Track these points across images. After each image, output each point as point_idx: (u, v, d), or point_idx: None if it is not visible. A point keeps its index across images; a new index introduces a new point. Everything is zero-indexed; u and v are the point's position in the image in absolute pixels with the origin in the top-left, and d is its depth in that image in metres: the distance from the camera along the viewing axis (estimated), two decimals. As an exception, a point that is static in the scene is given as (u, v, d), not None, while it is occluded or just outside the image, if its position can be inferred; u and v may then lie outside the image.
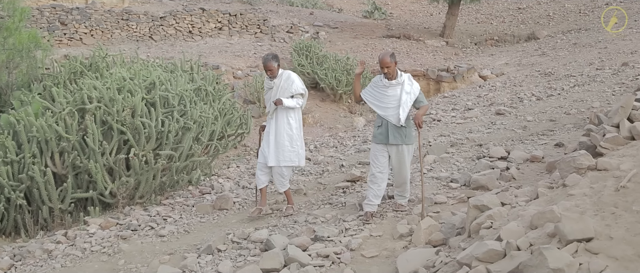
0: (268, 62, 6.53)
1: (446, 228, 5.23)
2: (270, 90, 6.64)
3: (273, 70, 6.53)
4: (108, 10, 18.38)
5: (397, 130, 5.85)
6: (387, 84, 5.85)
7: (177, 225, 6.61)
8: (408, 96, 5.84)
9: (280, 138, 6.53)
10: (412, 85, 5.91)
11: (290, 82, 6.57)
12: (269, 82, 6.66)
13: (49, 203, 7.18)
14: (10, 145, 7.28)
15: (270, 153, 6.54)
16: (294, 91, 6.54)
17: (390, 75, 5.82)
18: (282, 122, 6.56)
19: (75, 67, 10.33)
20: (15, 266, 5.99)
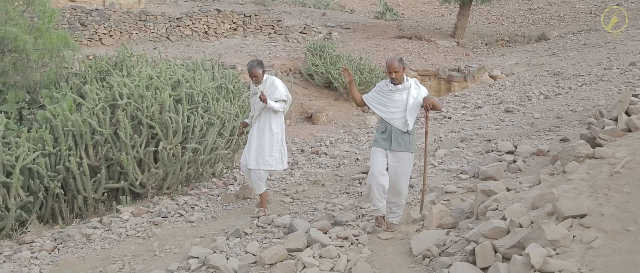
0: (253, 68, 6.78)
1: (456, 213, 5.72)
2: (255, 95, 6.93)
3: (258, 76, 6.79)
4: (126, 12, 19.01)
5: (401, 136, 5.68)
6: (394, 89, 5.70)
7: (205, 212, 7.14)
8: (415, 101, 5.67)
9: (261, 142, 6.82)
10: (419, 89, 5.75)
11: (273, 88, 6.85)
12: (254, 88, 6.92)
13: (84, 192, 7.74)
14: (48, 139, 7.84)
15: (250, 156, 6.84)
16: (278, 97, 6.81)
17: (398, 80, 5.66)
18: (264, 126, 6.85)
19: (102, 66, 10.91)
20: (58, 248, 6.54)
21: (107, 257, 6.08)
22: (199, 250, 5.82)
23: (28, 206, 7.55)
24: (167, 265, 5.65)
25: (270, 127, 6.86)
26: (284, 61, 16.89)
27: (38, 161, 7.60)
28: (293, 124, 13.88)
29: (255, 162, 6.83)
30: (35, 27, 10.61)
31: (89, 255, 6.16)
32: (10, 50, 10.34)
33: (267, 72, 7.09)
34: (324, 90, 15.79)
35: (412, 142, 5.75)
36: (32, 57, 10.26)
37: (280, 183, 8.19)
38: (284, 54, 17.77)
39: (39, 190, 7.57)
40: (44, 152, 7.77)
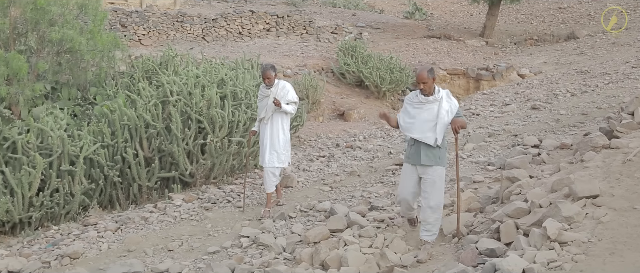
0: (267, 70, 7.19)
1: (483, 199, 6.32)
2: (265, 97, 7.27)
3: (271, 78, 7.18)
4: (164, 13, 19.89)
5: (430, 150, 5.50)
6: (424, 101, 5.50)
7: (251, 199, 7.84)
8: (447, 115, 5.45)
9: (275, 141, 7.26)
10: (451, 102, 5.51)
11: (285, 91, 7.26)
12: (265, 90, 7.27)
13: (139, 181, 8.51)
14: (106, 132, 8.64)
15: (265, 155, 7.27)
16: (290, 99, 7.26)
17: (427, 91, 5.47)
18: (277, 127, 7.28)
19: (149, 65, 11.72)
20: (120, 229, 7.30)
21: (166, 236, 6.81)
22: (249, 230, 6.53)
23: (89, 192, 8.34)
24: (221, 243, 6.37)
25: (282, 126, 7.31)
26: (316, 60, 17.55)
27: (98, 152, 8.41)
28: (325, 120, 14.52)
29: (270, 160, 7.26)
30: (87, 29, 11.45)
31: (150, 234, 6.91)
32: (66, 51, 11.21)
33: (301, 71, 7.77)
34: (356, 88, 16.40)
35: (443, 155, 5.55)
36: (85, 57, 11.10)
37: (319, 173, 8.86)
38: (316, 53, 18.43)
39: (99, 178, 8.37)
40: (103, 144, 8.57)
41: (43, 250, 6.86)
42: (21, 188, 7.64)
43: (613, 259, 3.74)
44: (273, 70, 7.25)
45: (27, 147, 7.99)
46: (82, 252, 6.49)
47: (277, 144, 7.28)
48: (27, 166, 7.69)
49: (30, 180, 7.72)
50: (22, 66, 9.89)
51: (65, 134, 8.27)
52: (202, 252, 6.25)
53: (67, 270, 6.12)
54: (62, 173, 8.06)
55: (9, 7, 10.46)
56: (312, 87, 14.66)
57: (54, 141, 8.10)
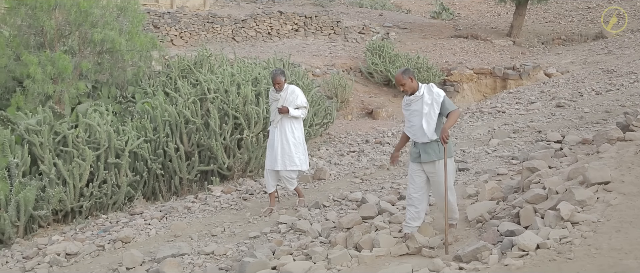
0: (277, 76, 7.41)
1: (505, 189, 6.83)
2: (275, 101, 7.53)
3: (281, 83, 7.42)
4: (195, 14, 20.67)
5: (428, 146, 5.73)
6: (409, 101, 5.81)
7: (286, 190, 8.45)
8: (430, 107, 5.65)
9: (285, 145, 7.46)
10: (433, 94, 5.69)
11: (294, 96, 7.47)
12: (275, 95, 7.52)
13: (180, 173, 9.19)
14: (148, 127, 9.34)
15: (277, 159, 7.47)
16: (299, 103, 7.47)
17: (409, 91, 5.76)
18: (286, 130, 7.49)
19: (184, 65, 12.44)
20: (165, 217, 7.97)
21: (209, 223, 7.46)
22: (287, 217, 7.14)
23: (134, 184, 9.04)
24: (260, 229, 6.98)
25: (292, 131, 7.51)
26: (344, 60, 18.14)
27: (142, 146, 9.11)
28: (354, 119, 15.10)
29: (282, 163, 7.47)
30: (126, 30, 12.19)
31: (194, 221, 7.56)
32: (106, 52, 11.97)
33: (329, 71, 8.32)
34: (383, 87, 16.96)
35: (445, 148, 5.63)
36: (125, 57, 11.84)
37: (350, 167, 9.44)
38: (344, 53, 19.02)
39: (143, 171, 9.07)
40: (146, 139, 9.27)
41: (95, 235, 7.56)
42: (72, 179, 8.36)
43: (618, 235, 4.25)
44: (283, 76, 7.47)
45: (77, 141, 8.71)
46: (132, 236, 7.16)
47: (287, 148, 7.47)
48: (77, 159, 8.41)
49: (81, 172, 8.44)
50: (67, 66, 10.65)
51: (111, 129, 8.97)
52: (244, 236, 6.87)
53: (120, 252, 6.79)
54: (109, 165, 8.77)
55: (54, 9, 11.24)
56: (340, 86, 15.27)
57: (101, 136, 8.81)
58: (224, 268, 6.01)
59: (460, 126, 11.36)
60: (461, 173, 8.04)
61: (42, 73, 10.45)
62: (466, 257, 4.73)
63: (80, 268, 6.46)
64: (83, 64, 11.22)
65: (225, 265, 6.08)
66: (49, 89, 10.55)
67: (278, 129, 7.55)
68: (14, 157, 8.17)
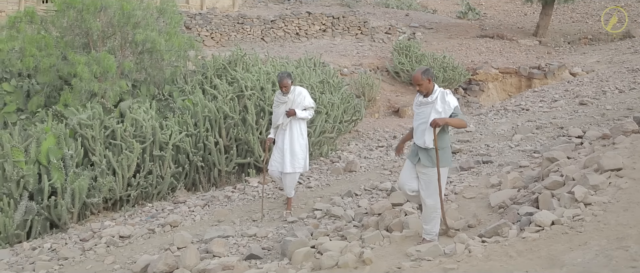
0: (284, 79, 7.52)
1: (526, 179, 7.38)
2: (282, 104, 7.65)
3: (288, 86, 7.54)
4: (225, 15, 21.45)
5: (427, 151, 5.76)
6: (422, 102, 5.82)
7: (319, 181, 9.10)
8: (438, 115, 5.66)
9: (294, 147, 7.63)
10: (445, 104, 5.67)
11: (301, 97, 7.63)
12: (282, 97, 7.65)
13: (219, 166, 9.89)
14: (189, 122, 10.06)
15: (285, 161, 7.64)
16: (307, 104, 7.66)
17: (424, 92, 5.76)
18: (296, 132, 7.66)
19: (220, 64, 13.15)
20: (208, 205, 8.66)
21: (250, 210, 8.13)
22: (322, 205, 7.78)
23: (176, 175, 9.75)
24: (297, 215, 7.63)
25: (300, 132, 7.70)
26: (371, 60, 18.74)
27: (184, 140, 9.82)
28: (381, 117, 15.69)
29: (291, 165, 7.65)
30: (165, 31, 12.94)
31: (235, 209, 8.24)
32: (146, 51, 12.73)
33: (357, 70, 8.87)
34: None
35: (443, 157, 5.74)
36: (165, 57, 12.59)
37: (379, 160, 10.04)
38: (371, 53, 19.61)
39: (184, 163, 9.78)
40: (187, 133, 9.98)
41: (144, 221, 8.27)
42: (121, 170, 9.10)
43: (625, 214, 4.79)
44: (289, 78, 7.59)
45: (125, 135, 9.46)
46: (180, 221, 7.86)
47: (298, 149, 7.68)
48: (126, 151, 9.15)
49: (129, 163, 9.17)
50: (111, 65, 11.41)
51: (156, 123, 9.70)
52: (282, 222, 7.52)
53: (169, 235, 7.48)
54: (154, 158, 9.49)
55: (99, 12, 12.04)
56: (368, 85, 15.87)
57: (147, 130, 9.55)
58: (266, 248, 6.67)
59: (484, 122, 11.90)
60: (485, 166, 8.60)
61: (89, 72, 11.24)
62: (488, 233, 5.31)
63: (135, 249, 7.16)
64: (125, 63, 11.99)
65: (267, 246, 6.73)
66: (95, 87, 11.32)
67: (287, 132, 7.69)
68: (68, 149, 8.93)
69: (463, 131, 11.28)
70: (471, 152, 9.68)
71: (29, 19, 11.97)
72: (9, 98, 11.59)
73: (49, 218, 8.50)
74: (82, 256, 7.12)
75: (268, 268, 5.81)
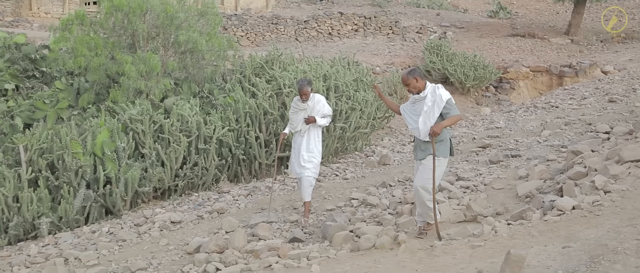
0: (304, 87, 7.63)
1: (552, 171, 7.84)
2: (301, 111, 7.75)
3: (307, 94, 7.64)
4: (260, 16, 22.15)
5: (423, 144, 6.12)
6: (416, 98, 6.19)
7: (355, 173, 9.67)
8: (430, 108, 5.98)
9: (312, 152, 7.74)
10: (435, 96, 6.01)
11: (321, 104, 7.74)
12: (301, 104, 7.74)
13: (259, 159, 10.53)
14: (231, 118, 10.72)
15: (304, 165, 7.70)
16: (326, 112, 7.78)
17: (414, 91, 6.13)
18: (312, 138, 7.77)
19: (257, 63, 13.81)
20: (250, 194, 9.31)
21: (290, 199, 8.74)
22: (358, 194, 8.35)
23: (220, 167, 10.42)
24: (335, 203, 8.21)
25: (317, 139, 7.83)
26: (403, 59, 19.24)
27: (226, 134, 10.48)
28: (413, 114, 16.20)
29: (309, 170, 7.72)
30: (205, 32, 13.65)
31: (276, 198, 8.85)
32: (187, 51, 13.45)
33: (389, 69, 9.36)
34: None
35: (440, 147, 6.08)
36: (206, 56, 13.30)
37: (411, 154, 10.54)
38: (402, 52, 20.11)
39: (227, 156, 10.45)
40: (230, 128, 10.64)
41: (192, 208, 8.95)
42: (170, 161, 9.81)
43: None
44: (309, 86, 7.68)
45: (172, 129, 10.16)
46: (226, 208, 8.52)
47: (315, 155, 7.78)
48: (173, 144, 9.85)
49: (176, 156, 9.87)
50: (156, 64, 12.14)
51: (201, 119, 10.38)
52: (321, 209, 8.11)
53: (217, 220, 8.14)
54: (199, 151, 10.17)
55: (145, 14, 12.79)
56: (400, 83, 16.35)
57: (192, 125, 10.23)
58: (308, 233, 7.27)
59: (514, 119, 12.33)
60: (513, 159, 9.06)
61: (135, 71, 11.98)
62: (513, 217, 5.83)
63: (186, 232, 7.83)
64: (169, 63, 12.72)
65: (308, 231, 7.33)
66: (141, 85, 12.06)
67: (304, 138, 7.79)
68: (120, 142, 9.66)
69: (493, 127, 11.73)
70: (500, 146, 10.14)
71: (80, 21, 12.78)
72: (61, 95, 12.41)
73: (104, 205, 9.24)
74: (139, 238, 7.82)
75: (311, 249, 6.41)
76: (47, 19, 22.86)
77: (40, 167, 9.22)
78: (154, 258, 7.02)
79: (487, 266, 4.16)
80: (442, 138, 6.11)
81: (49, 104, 12.04)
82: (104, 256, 7.30)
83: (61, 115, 12.01)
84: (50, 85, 13.40)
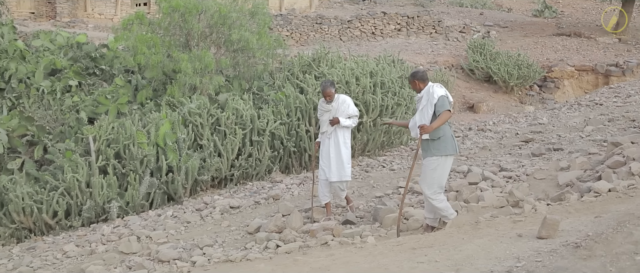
0: (327, 88, 7.59)
1: (593, 162, 8.34)
2: (326, 112, 7.73)
3: (331, 95, 7.59)
4: (304, 16, 22.94)
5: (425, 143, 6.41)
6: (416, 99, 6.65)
7: (401, 165, 10.30)
8: (424, 107, 6.32)
9: (339, 155, 7.69)
10: (429, 94, 6.29)
11: (346, 105, 7.68)
12: (326, 106, 7.72)
13: (309, 151, 11.25)
14: (283, 112, 11.47)
15: (332, 170, 7.70)
16: (351, 113, 7.70)
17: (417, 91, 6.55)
18: (339, 141, 7.71)
19: (305, 61, 14.55)
20: (302, 183, 10.02)
21: (338, 188, 9.42)
22: (404, 182, 8.97)
23: (272, 159, 11.18)
24: (383, 191, 8.87)
25: (345, 141, 7.75)
26: (446, 58, 19.76)
27: (278, 128, 11.24)
28: (456, 112, 16.70)
29: (338, 174, 7.70)
30: (255, 31, 14.46)
31: (327, 186, 9.54)
32: (239, 50, 14.28)
33: (432, 67, 9.94)
34: (484, 83, 18.43)
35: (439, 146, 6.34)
36: (257, 54, 14.10)
37: (455, 148, 11.13)
38: (445, 51, 20.62)
39: (279, 148, 11.20)
40: (281, 122, 11.39)
41: (249, 195, 9.72)
42: (226, 152, 10.61)
43: (673, 182, 5.78)
44: (333, 87, 7.67)
45: (228, 122, 10.96)
46: (281, 195, 9.25)
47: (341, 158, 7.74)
48: (230, 136, 10.65)
49: (232, 147, 10.67)
50: (210, 62, 13.00)
51: (255, 113, 11.17)
52: (371, 196, 8.78)
53: (273, 206, 8.88)
54: (253, 142, 10.95)
55: (200, 14, 13.66)
56: (443, 82, 16.87)
57: (247, 118, 11.02)
58: (359, 216, 7.94)
59: (557, 116, 12.77)
60: (555, 153, 9.56)
61: (191, 68, 12.85)
62: (553, 199, 6.39)
63: (245, 216, 8.59)
64: (222, 61, 13.57)
65: (359, 215, 8.01)
66: (196, 81, 12.93)
67: (331, 140, 7.77)
68: (181, 134, 10.51)
69: (536, 123, 12.21)
70: (543, 141, 10.63)
71: (139, 21, 13.73)
72: (121, 91, 13.36)
73: (166, 192, 10.09)
74: (202, 221, 8.61)
75: (363, 229, 7.09)
76: (101, 19, 24.13)
77: (108, 156, 10.11)
78: (219, 236, 7.79)
79: (526, 231, 4.74)
80: (440, 135, 6.31)
81: (111, 99, 12.99)
82: (172, 235, 8.11)
83: (121, 110, 12.94)
84: (108, 82, 14.38)
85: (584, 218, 4.94)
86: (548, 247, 4.12)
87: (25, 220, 9.50)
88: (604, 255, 3.69)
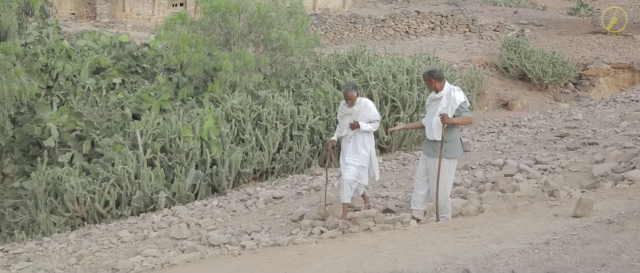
0: (349, 91, 7.54)
1: (628, 155, 8.63)
2: (347, 116, 7.70)
3: (353, 98, 7.55)
4: (338, 15, 23.39)
5: (434, 143, 6.52)
6: (433, 98, 6.65)
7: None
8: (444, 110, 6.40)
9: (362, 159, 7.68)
10: (450, 99, 6.36)
11: (367, 109, 7.62)
12: (347, 109, 7.68)
13: (347, 146, 11.68)
14: (322, 107, 11.94)
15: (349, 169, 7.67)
16: (372, 117, 7.63)
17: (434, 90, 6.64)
18: (358, 145, 7.68)
19: (342, 59, 15.00)
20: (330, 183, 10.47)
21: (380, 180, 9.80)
22: (442, 175, 9.35)
23: (311, 153, 11.65)
24: (421, 183, 9.25)
25: (364, 145, 7.70)
26: (480, 56, 20.01)
27: (317, 123, 11.70)
28: (490, 110, 16.99)
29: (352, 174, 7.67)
30: (293, 30, 14.96)
31: (366, 178, 9.97)
32: (277, 48, 14.79)
33: (466, 66, 10.26)
34: (518, 81, 18.65)
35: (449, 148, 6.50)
36: (294, 53, 14.60)
37: (490, 143, 11.48)
38: (479, 49, 20.87)
39: (318, 143, 11.67)
40: (320, 117, 11.86)
41: (290, 186, 10.20)
42: (268, 146, 11.12)
43: None
44: (355, 90, 7.62)
45: (269, 118, 11.46)
46: (321, 186, 9.72)
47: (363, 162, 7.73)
48: (271, 130, 11.15)
49: (273, 141, 11.17)
50: (250, 60, 13.53)
51: (295, 109, 11.65)
52: (408, 188, 9.17)
53: (314, 196, 9.34)
54: (293, 137, 11.44)
55: (240, 14, 14.22)
56: (477, 79, 17.22)
57: (287, 114, 11.51)
58: (398, 206, 8.35)
59: (593, 112, 13.00)
60: (590, 147, 9.85)
61: (232, 66, 13.40)
62: (588, 187, 6.72)
63: (288, 205, 9.07)
64: (261, 59, 14.09)
65: (398, 204, 8.42)
66: (236, 78, 13.48)
67: (351, 144, 7.75)
68: (224, 128, 11.04)
69: (571, 119, 12.47)
70: (578, 136, 10.90)
71: (181, 21, 14.34)
72: (164, 88, 13.98)
73: (211, 184, 10.64)
74: (247, 210, 9.12)
75: (403, 216, 7.51)
76: (139, 20, 24.94)
77: (155, 149, 10.69)
78: (264, 223, 8.28)
79: (562, 212, 5.10)
80: (452, 138, 6.56)
81: (154, 96, 13.61)
82: (219, 222, 8.62)
83: (163, 106, 13.56)
84: (150, 80, 15.02)
85: (617, 201, 5.28)
86: (583, 223, 4.49)
87: (79, 209, 10.13)
88: (635, 228, 4.05)
